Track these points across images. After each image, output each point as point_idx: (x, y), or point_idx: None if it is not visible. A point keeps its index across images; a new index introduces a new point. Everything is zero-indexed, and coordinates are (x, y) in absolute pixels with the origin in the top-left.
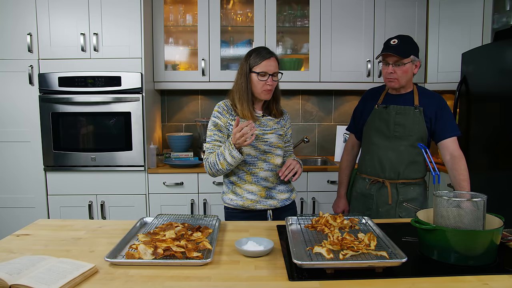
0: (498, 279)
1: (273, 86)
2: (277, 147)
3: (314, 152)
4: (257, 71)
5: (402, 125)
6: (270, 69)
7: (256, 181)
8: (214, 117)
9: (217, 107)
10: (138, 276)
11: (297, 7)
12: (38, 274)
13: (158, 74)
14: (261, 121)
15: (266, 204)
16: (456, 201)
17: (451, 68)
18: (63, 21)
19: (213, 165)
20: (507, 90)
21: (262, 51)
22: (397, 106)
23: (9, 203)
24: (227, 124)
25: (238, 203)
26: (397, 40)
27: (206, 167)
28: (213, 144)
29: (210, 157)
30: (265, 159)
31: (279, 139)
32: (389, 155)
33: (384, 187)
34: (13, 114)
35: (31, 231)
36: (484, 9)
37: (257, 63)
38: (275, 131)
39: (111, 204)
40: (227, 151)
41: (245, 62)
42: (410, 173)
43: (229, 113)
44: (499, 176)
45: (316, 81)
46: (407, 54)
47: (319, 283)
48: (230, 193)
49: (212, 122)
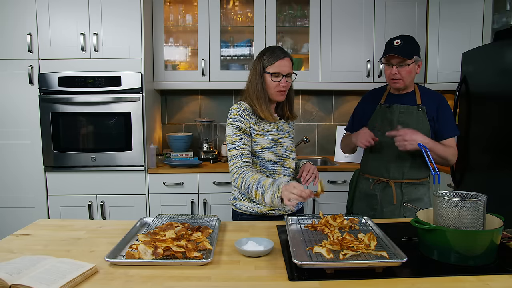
0: (498, 279)
1: (286, 87)
2: (292, 151)
3: (314, 152)
4: (270, 71)
5: (406, 124)
6: (284, 69)
7: None
8: (235, 121)
9: (237, 111)
10: (138, 276)
11: (297, 7)
12: (38, 274)
13: (158, 74)
14: (277, 125)
15: (284, 209)
16: (456, 201)
17: (451, 68)
18: (63, 21)
19: (247, 187)
20: (507, 90)
21: (276, 51)
22: (400, 106)
23: (9, 203)
24: (250, 127)
25: (256, 210)
26: (400, 40)
27: (238, 181)
28: (242, 150)
29: (248, 177)
30: (282, 164)
31: (292, 142)
32: (393, 155)
33: (389, 187)
34: (13, 114)
35: (31, 231)
36: (484, 9)
37: (270, 63)
38: (288, 135)
39: (111, 204)
40: (270, 193)
41: (258, 61)
42: (415, 172)
43: (250, 116)
44: (499, 176)
45: (316, 81)
46: (411, 55)
47: (319, 283)
48: (246, 200)
49: (234, 127)
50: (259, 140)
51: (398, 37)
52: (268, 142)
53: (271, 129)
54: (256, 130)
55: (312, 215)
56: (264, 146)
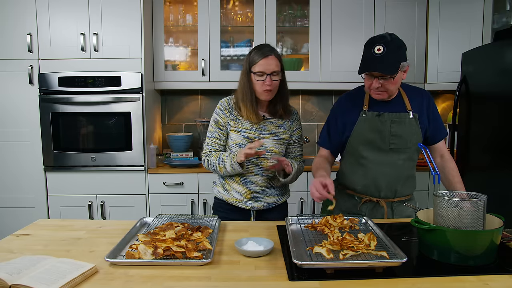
0: (498, 279)
1: (272, 86)
2: (272, 152)
3: (314, 152)
4: (255, 70)
5: (399, 136)
6: (269, 68)
7: (244, 183)
8: (216, 113)
9: (220, 104)
10: (138, 276)
11: (297, 7)
12: (38, 274)
13: (158, 74)
14: (259, 124)
15: (249, 205)
16: (456, 201)
17: (451, 68)
18: (63, 21)
19: (212, 165)
20: (507, 90)
21: (262, 48)
22: (392, 114)
23: (9, 203)
24: (226, 123)
25: (223, 197)
26: (382, 47)
27: (205, 163)
28: (212, 141)
29: (212, 157)
30: (257, 163)
31: (278, 144)
32: (385, 171)
33: (379, 207)
34: (13, 114)
35: (31, 231)
36: (484, 9)
37: (255, 62)
38: (273, 136)
39: (111, 204)
40: (228, 161)
41: (246, 60)
42: (406, 189)
43: (229, 112)
44: (499, 176)
45: (316, 81)
46: (395, 68)
47: (319, 283)
48: (219, 186)
49: (213, 119)
50: (233, 135)
51: (380, 39)
52: (242, 139)
53: (249, 127)
54: (232, 126)
55: (312, 215)
56: (237, 142)
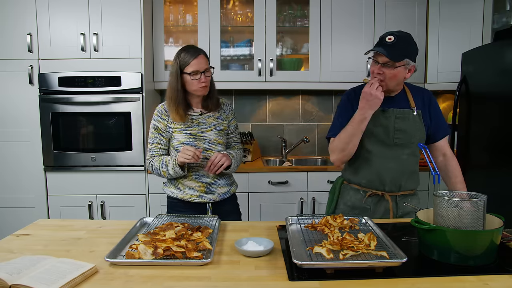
0: (498, 279)
1: (207, 82)
2: (217, 143)
3: (314, 152)
4: (188, 71)
5: (403, 131)
6: (201, 66)
7: (197, 178)
8: (154, 120)
9: (157, 111)
10: (138, 276)
11: (297, 7)
12: (38, 274)
13: (158, 74)
14: (199, 120)
15: (206, 198)
16: (456, 201)
17: (451, 68)
18: (63, 21)
19: (156, 169)
20: (507, 90)
21: (190, 50)
22: (396, 110)
23: (9, 203)
24: (167, 127)
25: (178, 196)
26: (393, 37)
27: (149, 168)
28: (154, 146)
29: (155, 162)
30: (205, 156)
31: (220, 134)
32: (390, 166)
33: (383, 200)
34: (13, 114)
35: (31, 231)
36: (484, 9)
37: (187, 64)
38: (214, 128)
39: (111, 204)
40: (170, 165)
41: (175, 62)
42: (410, 184)
43: (167, 116)
44: (499, 176)
45: (316, 81)
46: (400, 57)
47: (319, 283)
48: (172, 187)
49: (152, 125)
50: (177, 136)
51: (395, 32)
52: (186, 137)
53: (190, 124)
54: (173, 128)
55: (312, 215)
56: (182, 141)
